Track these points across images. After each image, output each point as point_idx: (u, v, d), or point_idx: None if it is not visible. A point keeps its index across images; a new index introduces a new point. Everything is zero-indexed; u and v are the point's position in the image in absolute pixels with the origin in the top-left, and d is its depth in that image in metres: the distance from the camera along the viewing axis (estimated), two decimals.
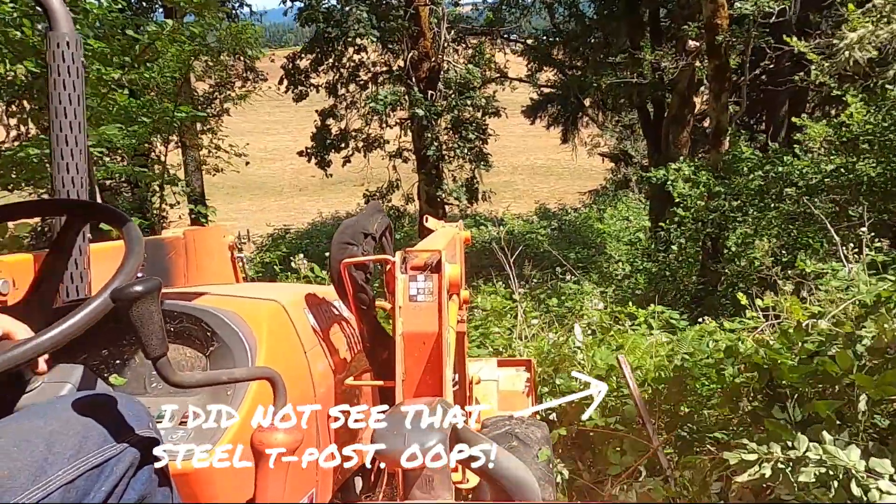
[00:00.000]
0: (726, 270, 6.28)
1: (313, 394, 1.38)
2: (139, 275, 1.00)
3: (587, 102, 14.26)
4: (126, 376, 1.25)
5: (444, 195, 10.69)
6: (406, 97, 10.35)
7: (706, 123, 10.57)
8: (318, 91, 11.91)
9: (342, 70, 11.60)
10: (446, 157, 10.73)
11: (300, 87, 11.72)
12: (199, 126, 9.54)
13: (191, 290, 1.51)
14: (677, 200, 6.68)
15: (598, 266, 8.40)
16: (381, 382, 1.50)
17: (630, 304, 4.41)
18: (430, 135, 10.26)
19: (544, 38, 13.86)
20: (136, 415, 0.96)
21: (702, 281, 6.60)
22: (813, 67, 6.03)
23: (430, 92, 10.42)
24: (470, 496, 1.55)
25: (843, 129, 5.69)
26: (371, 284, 1.49)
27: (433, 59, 10.54)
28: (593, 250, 9.83)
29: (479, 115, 10.88)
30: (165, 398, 1.19)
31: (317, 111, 11.80)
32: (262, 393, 1.16)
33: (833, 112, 9.51)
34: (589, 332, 3.84)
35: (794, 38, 6.05)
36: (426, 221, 1.88)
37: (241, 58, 11.25)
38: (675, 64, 9.21)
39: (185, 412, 1.15)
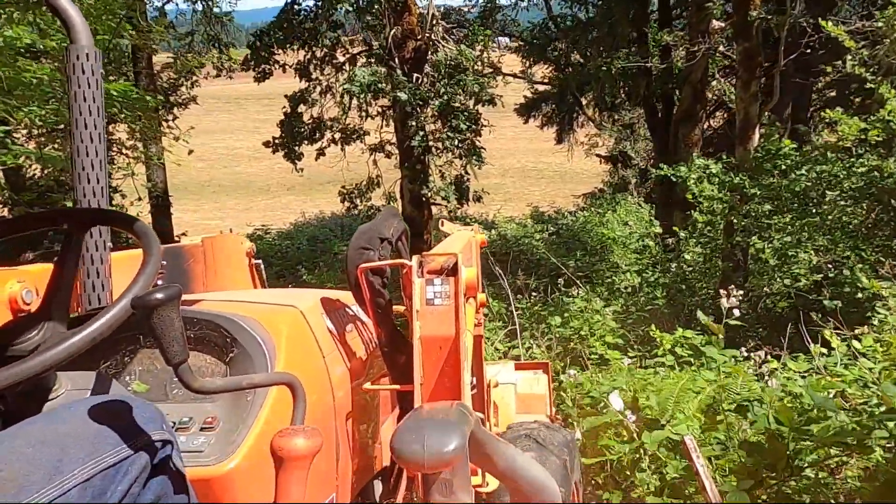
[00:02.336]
0: (766, 288, 5.99)
1: (332, 398, 1.56)
2: (159, 282, 1.16)
3: (584, 101, 14.60)
4: (148, 383, 1.42)
5: (430, 194, 10.54)
6: (387, 80, 10.10)
7: (711, 123, 10.89)
8: (284, 70, 11.71)
9: (315, 49, 11.36)
10: (433, 150, 10.54)
11: (263, 66, 11.31)
12: (164, 115, 9.54)
13: (210, 296, 1.69)
14: (699, 203, 6.57)
15: (600, 275, 8.59)
16: (399, 386, 1.69)
17: (651, 326, 4.41)
18: (414, 123, 9.94)
19: (541, 29, 14.11)
20: (150, 417, 1.09)
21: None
22: (848, 57, 5.97)
23: (415, 75, 10.11)
24: (490, 500, 1.74)
25: (883, 124, 5.38)
26: (388, 289, 1.67)
27: (419, 38, 10.30)
28: (596, 257, 10.04)
29: (471, 102, 10.64)
30: (187, 404, 1.36)
31: (286, 96, 11.55)
32: (281, 398, 1.32)
33: (860, 107, 9.28)
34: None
35: (829, 23, 5.96)
36: (441, 225, 2.07)
37: (216, 45, 11.30)
38: (690, 51, 9.18)
39: (206, 418, 1.32)
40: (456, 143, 10.35)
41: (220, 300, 1.62)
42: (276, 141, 11.52)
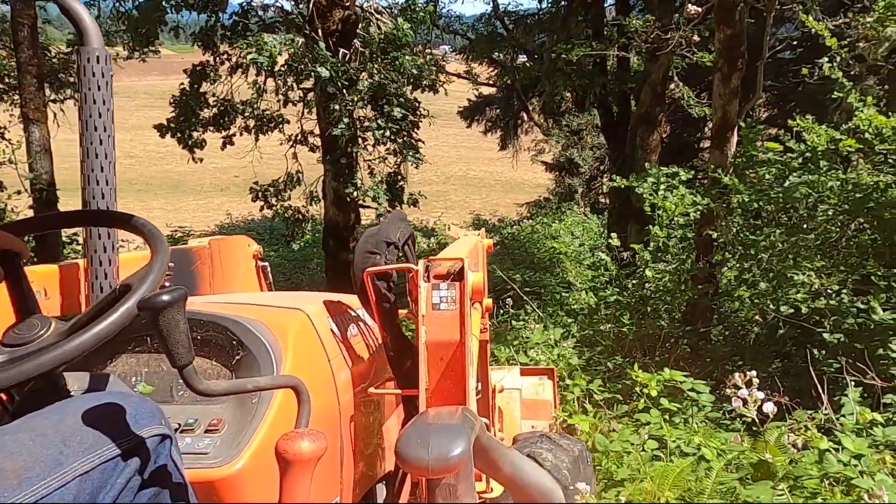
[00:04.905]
0: (758, 317, 5.80)
1: (337, 402, 1.81)
2: (166, 284, 1.37)
3: (531, 105, 15.34)
4: (154, 384, 1.64)
5: (356, 194, 10.29)
6: (307, 54, 9.66)
7: (660, 133, 11.54)
8: (177, 36, 11.43)
9: (218, 12, 10.83)
10: (360, 142, 10.28)
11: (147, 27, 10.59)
12: (51, 95, 9.23)
13: (216, 298, 1.90)
14: (658, 217, 6.65)
15: (550, 291, 9.00)
16: (404, 391, 1.94)
17: (618, 358, 4.44)
18: (338, 107, 9.55)
19: (487, 20, 14.63)
20: (149, 413, 1.27)
21: (697, 325, 6.36)
22: (825, 59, 5.98)
23: (341, 51, 9.78)
24: None
25: (858, 134, 5.46)
26: (394, 293, 1.93)
27: (348, 5, 10.05)
28: (546, 273, 10.51)
29: (408, 88, 10.41)
30: (192, 406, 1.58)
31: (185, 71, 11.02)
32: (287, 401, 1.54)
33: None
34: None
35: (810, 17, 6.02)
36: (448, 230, 2.36)
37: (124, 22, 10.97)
38: (662, 38, 9.30)
39: (211, 420, 1.54)
40: (388, 133, 10.02)
41: (226, 302, 1.85)
42: (171, 124, 10.87)
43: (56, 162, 9.05)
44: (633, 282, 7.28)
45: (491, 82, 16.24)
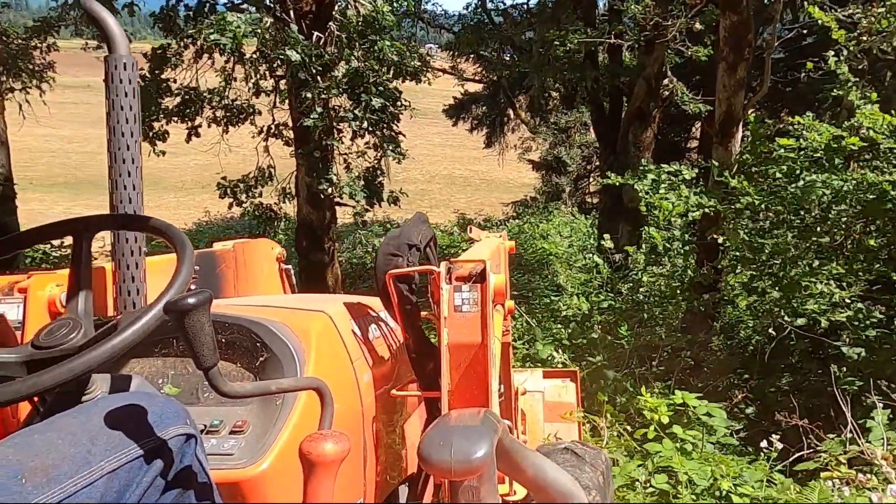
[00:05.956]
0: (772, 329, 5.51)
1: (360, 404, 1.94)
2: (191, 287, 1.50)
3: (518, 102, 15.65)
4: (179, 386, 1.78)
5: (330, 190, 10.17)
6: (276, 36, 9.46)
7: (652, 130, 11.77)
8: (132, 14, 11.15)
9: None
10: (336, 133, 10.15)
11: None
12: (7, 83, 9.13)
13: (240, 301, 2.04)
14: (654, 218, 6.64)
15: (539, 295, 9.13)
16: (426, 393, 2.08)
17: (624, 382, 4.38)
18: (311, 95, 9.40)
19: (474, 11, 14.84)
20: (174, 413, 1.38)
21: (697, 334, 6.38)
22: (831, 53, 6.01)
23: (315, 34, 9.64)
24: None
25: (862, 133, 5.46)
26: (416, 295, 2.07)
27: None
28: (535, 276, 10.68)
29: (388, 75, 10.26)
30: (217, 408, 1.71)
31: (144, 55, 10.70)
32: (311, 403, 1.67)
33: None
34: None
35: (817, 9, 6.07)
36: (469, 232, 2.50)
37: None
38: (662, 25, 9.43)
39: (236, 421, 1.67)
40: (366, 125, 9.94)
41: (250, 305, 1.99)
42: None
43: (32, 157, 8.99)
44: (628, 286, 7.38)
45: (477, 78, 16.55)
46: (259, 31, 9.36)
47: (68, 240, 1.65)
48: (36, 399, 1.50)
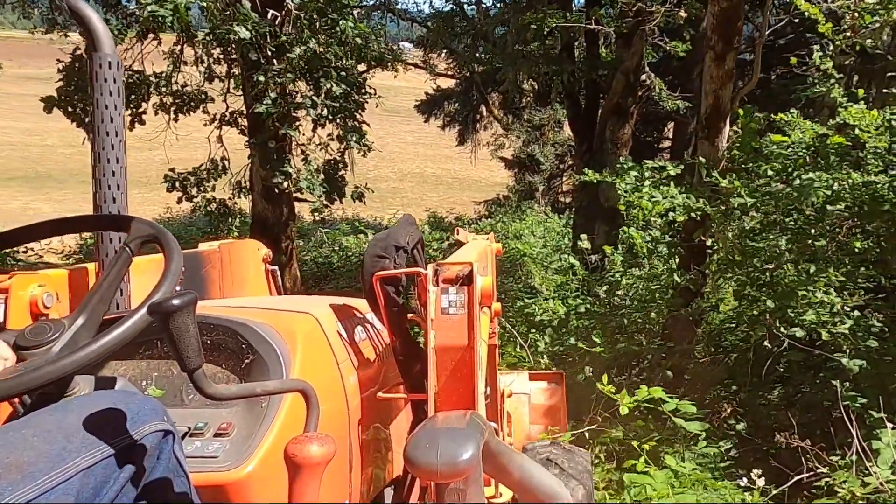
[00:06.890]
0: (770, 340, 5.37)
1: (346, 406, 2.07)
2: (177, 288, 1.60)
3: (491, 99, 15.93)
4: (164, 388, 1.88)
5: (287, 184, 9.95)
6: (224, 10, 9.12)
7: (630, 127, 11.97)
8: None
9: None
10: (294, 122, 9.87)
11: None
12: None
13: (226, 302, 2.15)
14: (633, 218, 6.67)
15: (512, 297, 9.23)
16: (413, 395, 2.21)
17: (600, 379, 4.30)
18: (263, 78, 9.12)
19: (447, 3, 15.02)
20: (151, 409, 1.47)
21: (679, 342, 6.36)
22: (816, 48, 6.06)
23: (271, 12, 9.38)
24: None
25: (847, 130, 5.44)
26: (403, 297, 2.20)
27: None
28: (508, 277, 10.82)
29: (351, 60, 10.06)
30: (202, 410, 1.81)
31: (80, 33, 10.49)
32: (296, 405, 1.78)
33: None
34: None
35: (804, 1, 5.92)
36: (456, 233, 2.64)
37: None
38: (647, 10, 9.51)
39: (221, 424, 1.77)
40: (326, 113, 9.69)
41: (235, 306, 2.10)
42: (61, 96, 10.32)
43: None
44: (604, 288, 7.48)
45: (450, 73, 16.81)
46: (205, 4, 9.09)
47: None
48: (17, 400, 1.60)
